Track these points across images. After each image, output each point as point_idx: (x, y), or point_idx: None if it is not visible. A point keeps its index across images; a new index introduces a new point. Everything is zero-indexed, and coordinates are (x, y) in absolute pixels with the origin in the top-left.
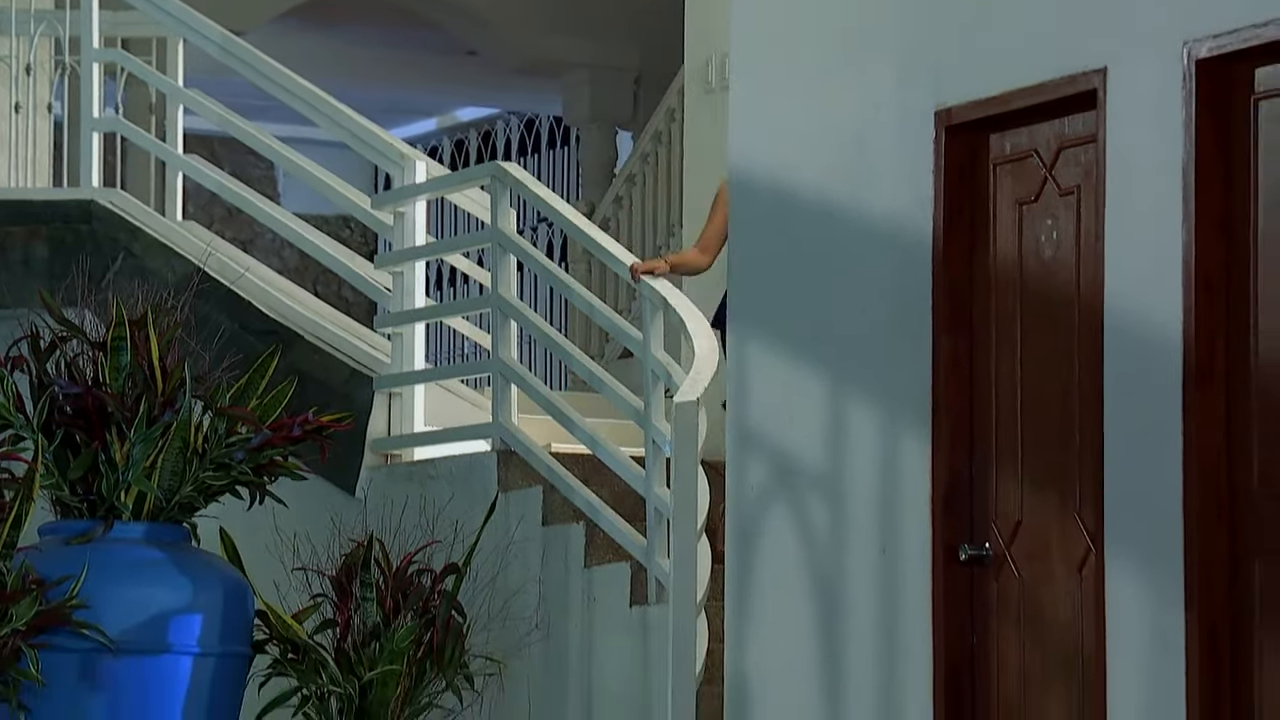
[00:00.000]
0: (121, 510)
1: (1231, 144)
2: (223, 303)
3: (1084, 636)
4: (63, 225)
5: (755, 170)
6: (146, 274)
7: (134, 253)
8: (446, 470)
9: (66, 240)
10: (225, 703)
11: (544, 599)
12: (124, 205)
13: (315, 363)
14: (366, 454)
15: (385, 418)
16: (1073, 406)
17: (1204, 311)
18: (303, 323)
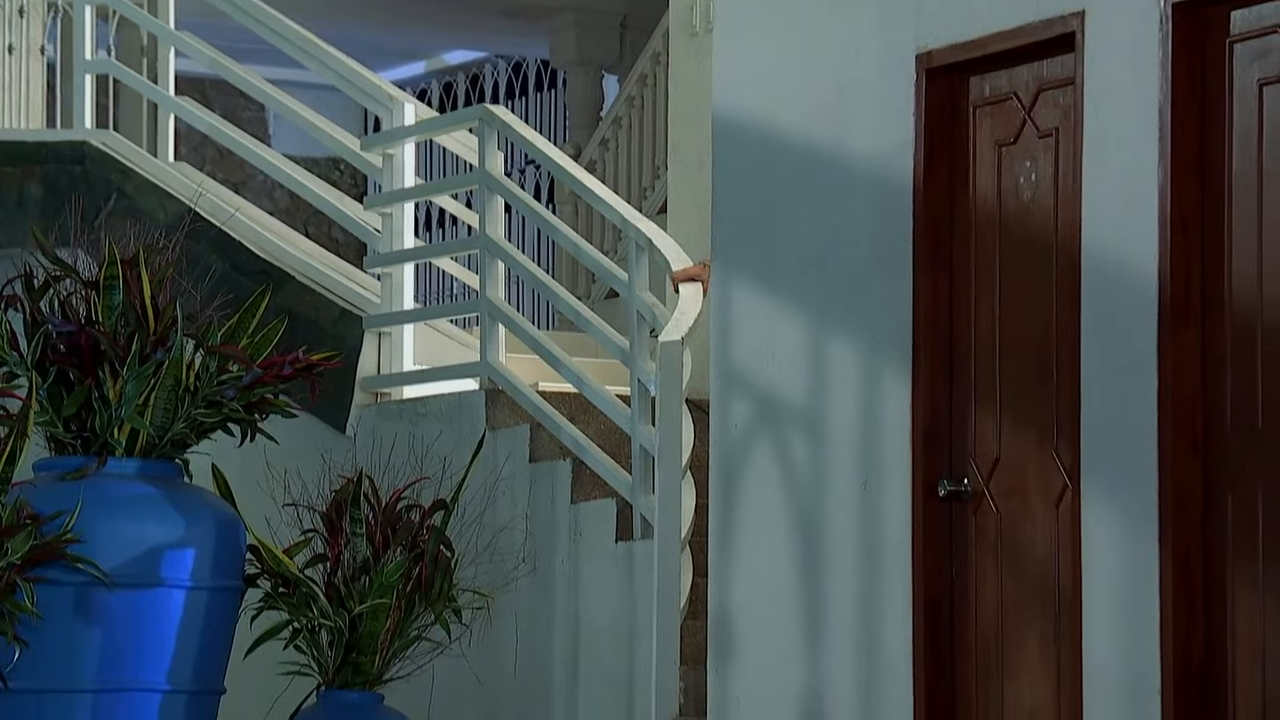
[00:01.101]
0: (115, 446)
1: (1207, 86)
2: (214, 243)
3: (1060, 569)
4: (56, 166)
5: (739, 114)
6: (139, 214)
7: (126, 193)
8: (435, 408)
9: (60, 181)
10: (217, 635)
11: (531, 534)
12: (116, 146)
13: (306, 303)
14: (356, 392)
15: (375, 357)
16: (1050, 344)
17: (1179, 251)
18: (293, 263)
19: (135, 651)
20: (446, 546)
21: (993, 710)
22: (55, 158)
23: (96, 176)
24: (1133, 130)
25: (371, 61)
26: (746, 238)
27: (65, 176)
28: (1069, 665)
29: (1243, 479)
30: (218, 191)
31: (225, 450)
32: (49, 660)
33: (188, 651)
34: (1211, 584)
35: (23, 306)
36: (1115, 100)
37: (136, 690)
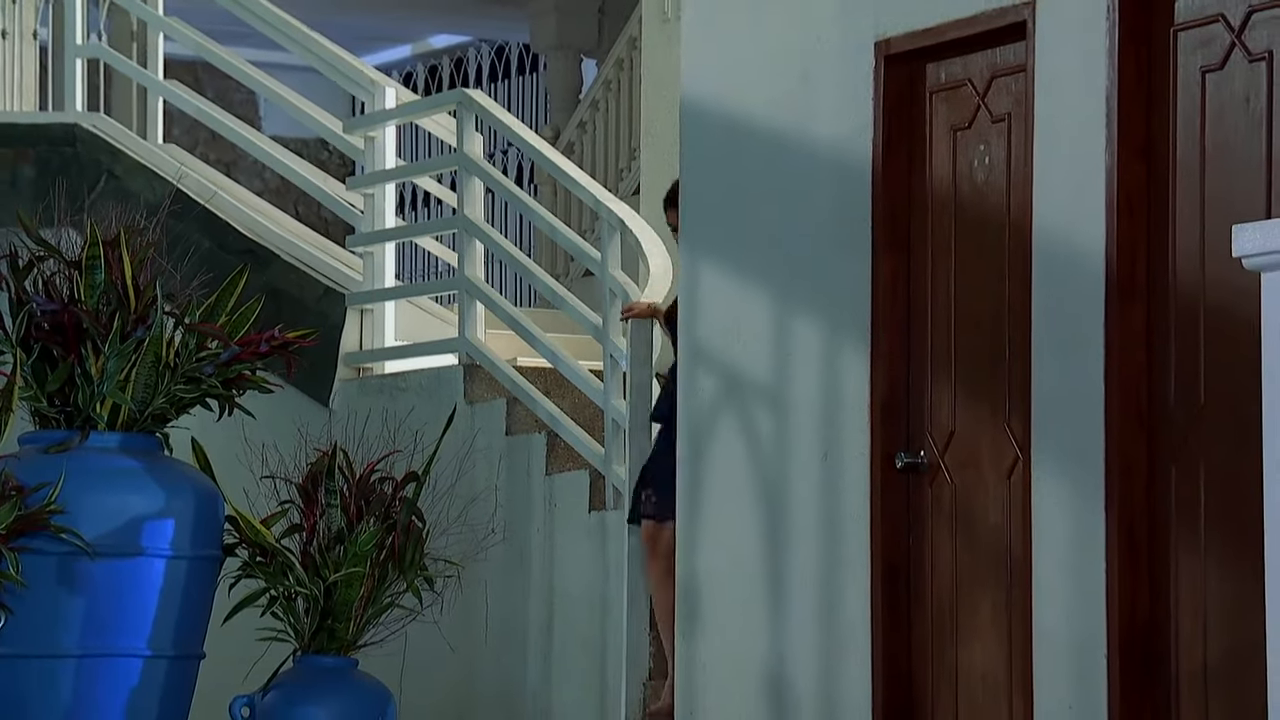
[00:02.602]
0: (97, 421)
1: (1152, 73)
2: (201, 223)
3: (1012, 538)
4: (48, 148)
5: (706, 98)
6: (128, 195)
7: (116, 174)
8: (415, 383)
9: (52, 162)
10: (197, 603)
11: (502, 505)
12: (107, 129)
13: (291, 281)
14: (339, 367)
15: (357, 333)
16: (1003, 322)
17: (1125, 232)
18: (279, 242)
19: (117, 618)
20: (418, 517)
21: (947, 673)
22: (47, 139)
23: (87, 158)
24: (1081, 116)
25: (358, 45)
26: (713, 219)
27: (56, 158)
28: (1020, 629)
29: (1185, 451)
30: (204, 172)
31: (209, 425)
32: (34, 627)
33: (168, 618)
34: (1156, 551)
35: (8, 285)
36: (1064, 87)
37: (119, 656)
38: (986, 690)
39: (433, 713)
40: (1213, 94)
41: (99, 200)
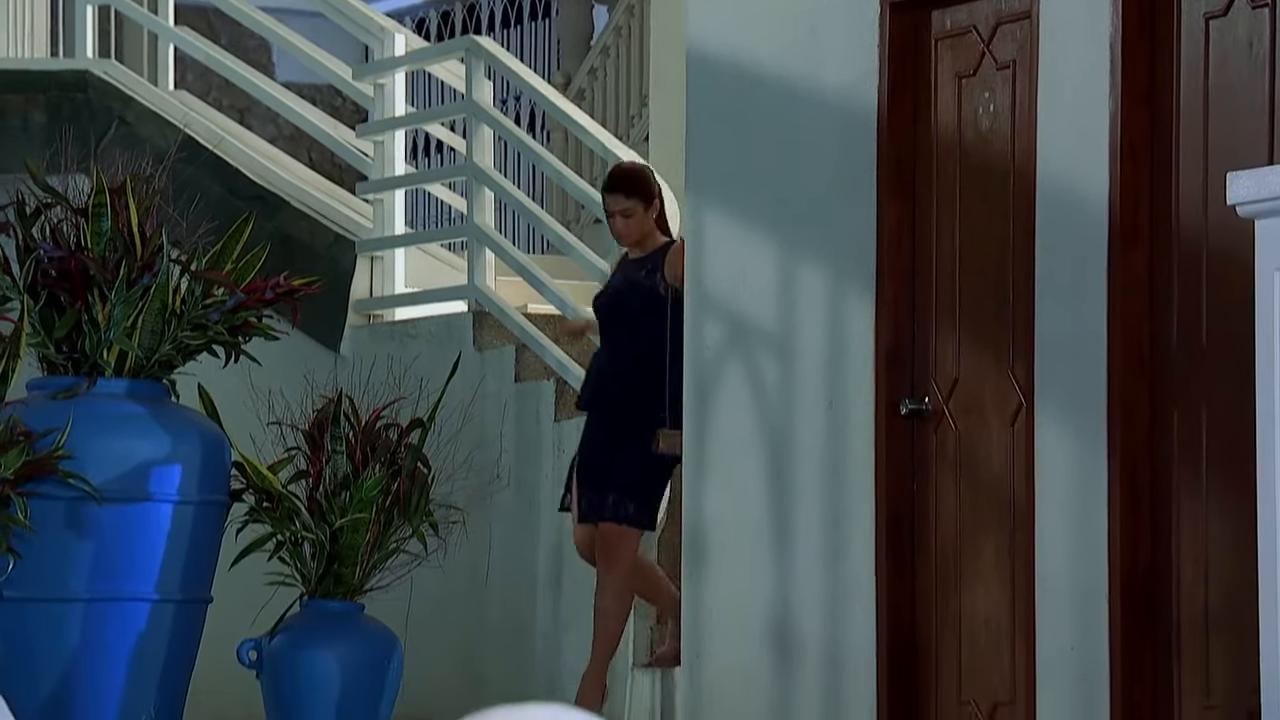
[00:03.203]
0: (104, 367)
1: (1156, 20)
2: (212, 169)
3: (1015, 484)
4: (59, 94)
5: (713, 46)
6: (139, 141)
7: (127, 121)
8: (425, 330)
9: (63, 108)
10: (204, 547)
11: (510, 451)
12: (118, 75)
13: (301, 227)
14: (349, 314)
15: (368, 279)
16: (1007, 268)
17: (1128, 178)
18: (289, 189)
19: (125, 562)
20: (423, 463)
21: (951, 618)
22: (58, 86)
23: (98, 104)
24: (1085, 62)
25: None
26: (720, 167)
27: (68, 104)
28: (1023, 574)
29: (1187, 395)
30: (214, 119)
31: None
32: (42, 571)
33: (175, 562)
34: (1157, 496)
35: (15, 233)
36: (1069, 33)
37: (126, 600)
38: (990, 635)
39: (444, 655)
40: (1216, 40)
41: (110, 147)
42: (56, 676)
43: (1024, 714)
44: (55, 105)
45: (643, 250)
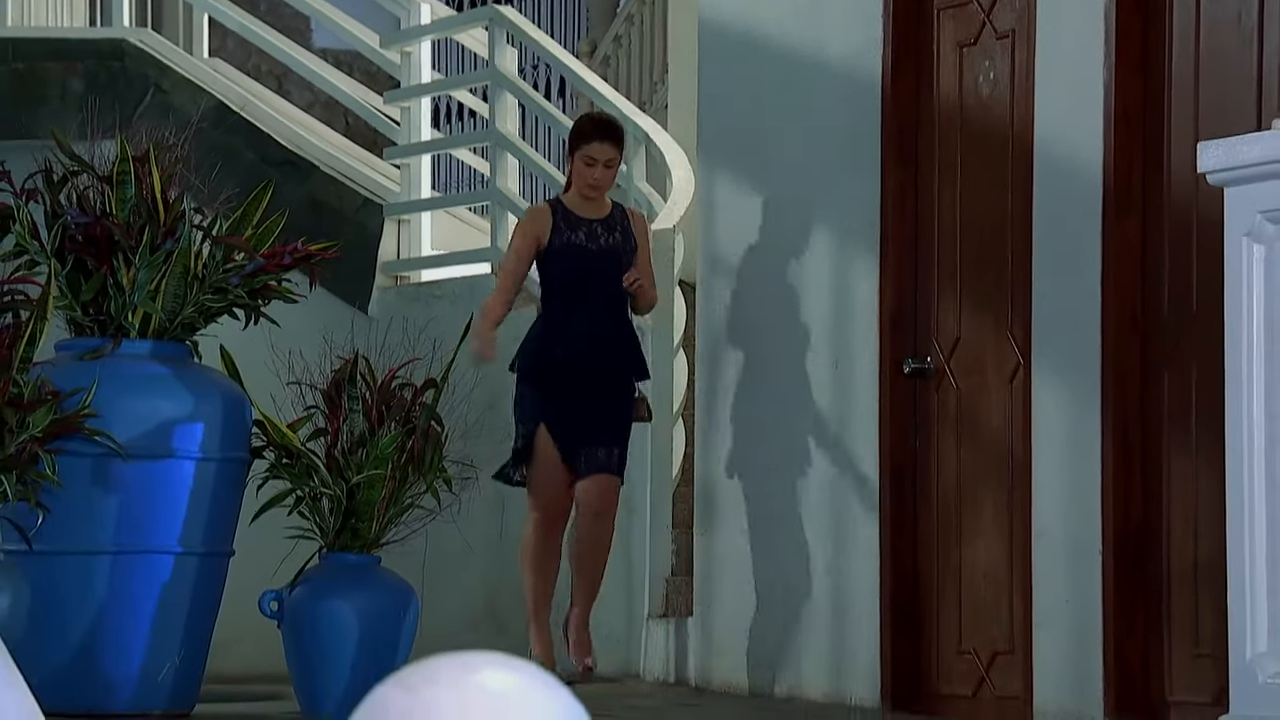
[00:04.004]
0: (129, 329)
1: None
2: (244, 135)
3: (1013, 440)
4: (96, 62)
5: (724, 15)
6: (174, 109)
7: (163, 88)
8: (449, 291)
9: (100, 77)
10: (225, 502)
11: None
12: (154, 44)
13: (330, 192)
14: (377, 275)
15: (395, 242)
16: (1005, 233)
17: (1122, 145)
18: (318, 154)
19: (149, 517)
20: (437, 422)
21: (951, 569)
22: (95, 54)
23: (134, 73)
24: (1081, 33)
25: None
26: (730, 135)
27: (105, 72)
28: (1020, 528)
29: (1177, 356)
30: (248, 86)
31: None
32: (70, 525)
33: (198, 517)
34: (1149, 453)
35: (43, 199)
36: (1065, 4)
37: (151, 552)
38: (989, 586)
39: (466, 605)
40: (1206, 11)
41: (145, 114)
42: (85, 626)
43: (1021, 663)
44: (92, 73)
45: (600, 210)
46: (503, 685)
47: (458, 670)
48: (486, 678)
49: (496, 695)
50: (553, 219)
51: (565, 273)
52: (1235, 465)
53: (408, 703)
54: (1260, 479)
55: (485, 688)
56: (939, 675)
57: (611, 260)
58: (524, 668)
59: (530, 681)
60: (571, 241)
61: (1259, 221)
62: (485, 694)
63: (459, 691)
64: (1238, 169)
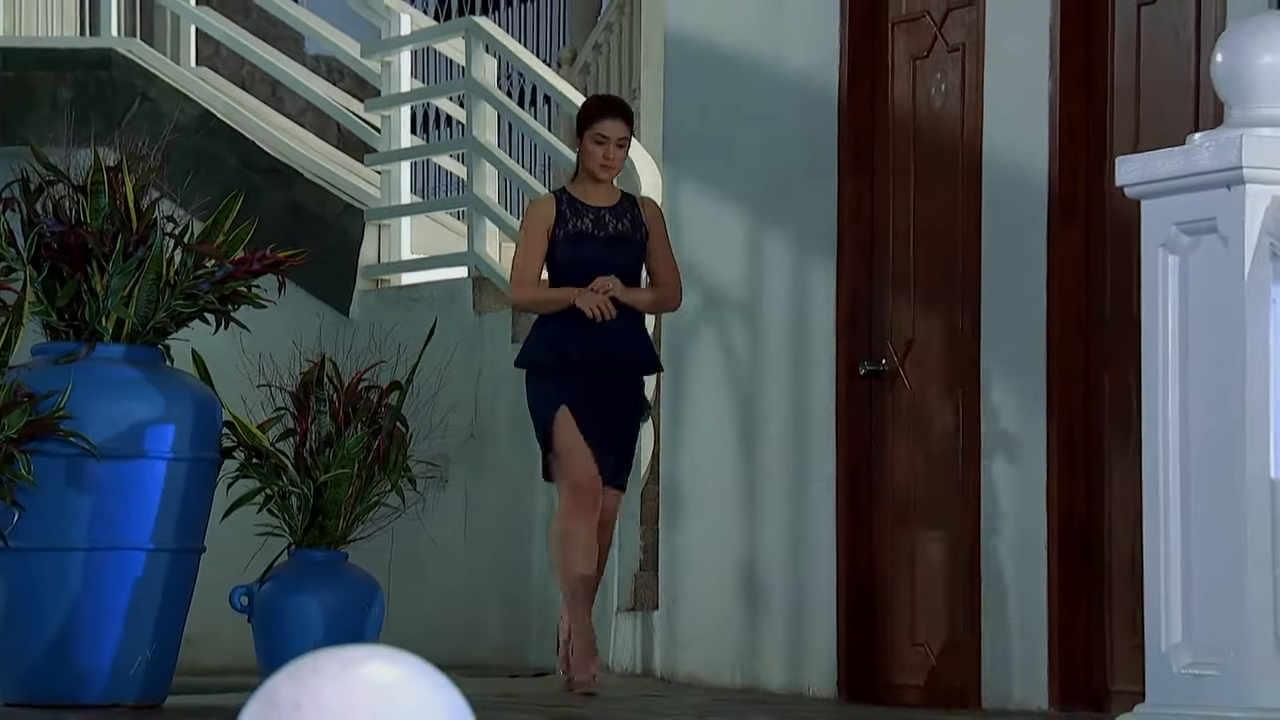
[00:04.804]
0: (102, 334)
1: (1092, 6)
2: (229, 142)
3: (963, 439)
4: (85, 71)
5: (690, 28)
6: (161, 117)
7: (150, 97)
8: (429, 294)
9: (89, 85)
10: (196, 501)
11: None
12: (141, 54)
13: (312, 197)
14: (358, 279)
15: (375, 247)
16: (956, 239)
17: (1067, 154)
18: (302, 161)
19: (122, 515)
20: (402, 423)
21: (904, 564)
22: (84, 63)
23: (122, 81)
24: (1027, 46)
25: None
26: (694, 142)
27: (93, 81)
28: (970, 524)
29: (1118, 358)
30: (233, 94)
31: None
32: (44, 523)
33: (169, 515)
34: (1091, 452)
35: (20, 208)
36: (1012, 19)
37: (124, 549)
38: (940, 579)
39: (443, 601)
40: (1147, 25)
41: (133, 121)
42: (59, 620)
43: (971, 656)
44: (81, 82)
45: (609, 197)
46: (387, 677)
47: (344, 662)
48: (371, 670)
49: (380, 686)
50: (558, 207)
51: (573, 261)
52: (1151, 465)
53: (295, 693)
54: (1175, 479)
55: (370, 679)
56: (892, 667)
57: (621, 248)
58: (409, 661)
59: (414, 674)
60: (579, 229)
61: (1174, 233)
62: (369, 685)
63: (344, 682)
64: (1153, 182)
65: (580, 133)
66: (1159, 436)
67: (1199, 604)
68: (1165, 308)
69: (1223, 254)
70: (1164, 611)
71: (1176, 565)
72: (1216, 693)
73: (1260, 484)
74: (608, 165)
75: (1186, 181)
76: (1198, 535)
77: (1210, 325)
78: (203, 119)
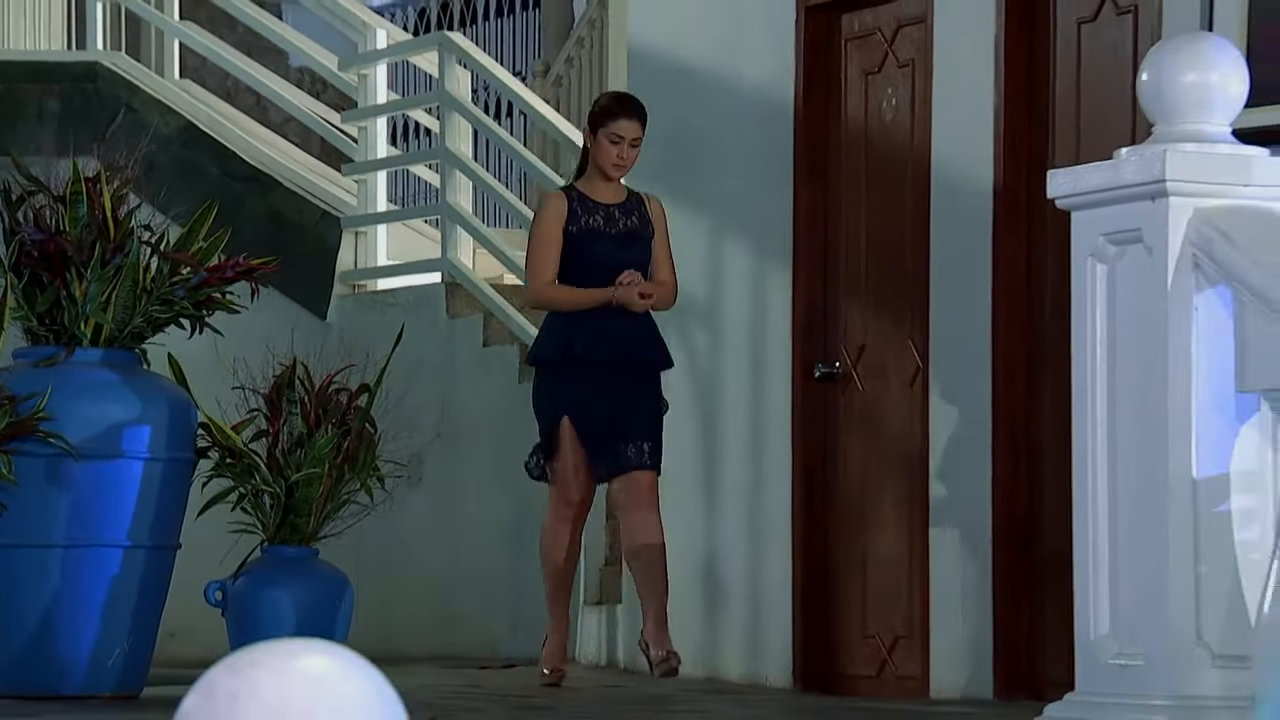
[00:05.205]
0: (81, 338)
1: (1034, 24)
2: (211, 152)
3: (913, 438)
4: (71, 84)
5: (651, 43)
6: (144, 128)
7: (134, 108)
8: (403, 299)
9: (75, 98)
10: (171, 499)
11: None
12: (125, 66)
13: (291, 205)
14: (336, 285)
15: (352, 253)
16: (906, 246)
17: (1010, 165)
18: (281, 170)
19: (100, 513)
20: (371, 424)
21: (856, 559)
22: (70, 76)
23: (107, 94)
24: (973, 62)
25: None
26: (657, 151)
27: (79, 94)
28: (919, 520)
29: (1058, 359)
30: (215, 105)
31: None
32: (25, 520)
33: (146, 513)
34: (1033, 449)
35: (2, 217)
36: (959, 36)
37: (102, 546)
38: (890, 575)
39: (419, 597)
40: (1086, 43)
41: (118, 132)
42: (39, 614)
43: (920, 647)
44: (68, 95)
45: (616, 195)
46: (320, 669)
47: (281, 655)
48: (306, 662)
49: (313, 678)
50: (569, 204)
51: (584, 259)
52: (1081, 465)
53: (233, 684)
54: (1103, 479)
55: (304, 671)
56: (845, 658)
57: (631, 245)
58: (344, 654)
59: (347, 666)
60: (590, 226)
61: (1101, 243)
62: (305, 677)
63: (279, 674)
64: (1082, 195)
65: (594, 130)
66: (1088, 438)
67: (1125, 598)
68: (1094, 315)
69: (1147, 263)
70: (1093, 605)
71: (1105, 561)
72: (1141, 682)
73: (1182, 484)
74: (620, 164)
75: (1113, 194)
76: (1124, 533)
77: (1136, 332)
78: (185, 130)
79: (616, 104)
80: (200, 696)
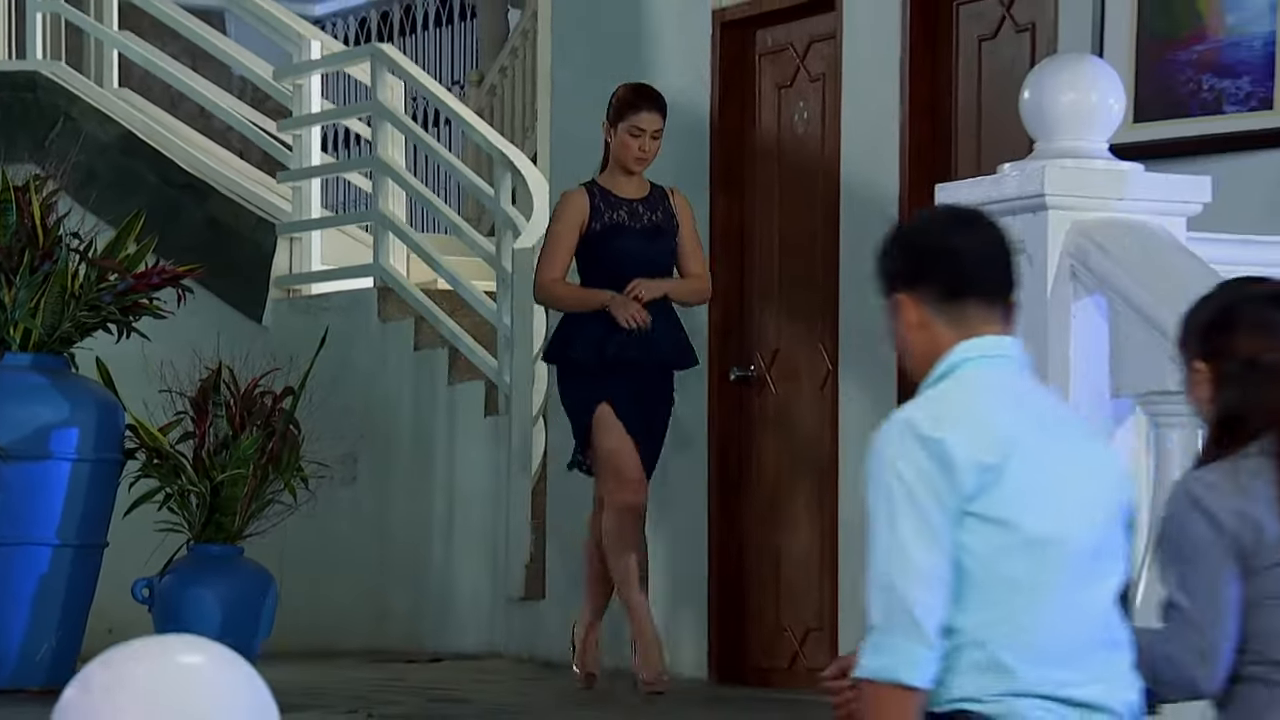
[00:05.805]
0: (10, 343)
1: (937, 41)
2: (149, 160)
3: (824, 439)
4: (11, 93)
5: (572, 55)
6: (83, 136)
7: (72, 117)
8: (337, 303)
9: (14, 106)
10: (99, 499)
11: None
12: (64, 76)
13: (227, 212)
14: (271, 289)
15: (287, 258)
16: (816, 253)
17: (914, 176)
18: (217, 177)
19: (29, 512)
20: (295, 426)
21: (770, 556)
22: (10, 85)
23: (47, 102)
24: (879, 78)
25: None
26: (578, 162)
27: (19, 103)
28: (829, 518)
29: None
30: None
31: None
32: None
33: (74, 512)
34: None
35: None
36: (866, 53)
37: (30, 544)
38: (802, 571)
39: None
40: (987, 59)
41: (57, 140)
42: None
43: (829, 639)
44: (7, 104)
45: (639, 190)
46: (192, 662)
47: (155, 649)
48: (179, 656)
49: (185, 670)
50: (591, 200)
51: (610, 255)
52: None
53: (108, 677)
54: None
55: (178, 664)
56: (759, 651)
57: (656, 240)
58: (216, 649)
59: (220, 660)
60: (614, 221)
61: None
62: (176, 669)
63: (153, 667)
64: None
65: (613, 124)
66: None
67: None
68: None
69: (1029, 273)
70: None
71: None
72: None
73: None
74: (642, 158)
75: (997, 207)
76: None
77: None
78: (124, 138)
79: (636, 96)
80: (78, 689)
